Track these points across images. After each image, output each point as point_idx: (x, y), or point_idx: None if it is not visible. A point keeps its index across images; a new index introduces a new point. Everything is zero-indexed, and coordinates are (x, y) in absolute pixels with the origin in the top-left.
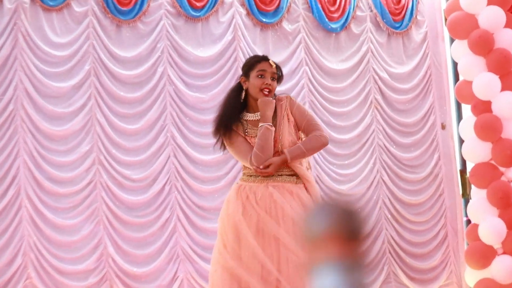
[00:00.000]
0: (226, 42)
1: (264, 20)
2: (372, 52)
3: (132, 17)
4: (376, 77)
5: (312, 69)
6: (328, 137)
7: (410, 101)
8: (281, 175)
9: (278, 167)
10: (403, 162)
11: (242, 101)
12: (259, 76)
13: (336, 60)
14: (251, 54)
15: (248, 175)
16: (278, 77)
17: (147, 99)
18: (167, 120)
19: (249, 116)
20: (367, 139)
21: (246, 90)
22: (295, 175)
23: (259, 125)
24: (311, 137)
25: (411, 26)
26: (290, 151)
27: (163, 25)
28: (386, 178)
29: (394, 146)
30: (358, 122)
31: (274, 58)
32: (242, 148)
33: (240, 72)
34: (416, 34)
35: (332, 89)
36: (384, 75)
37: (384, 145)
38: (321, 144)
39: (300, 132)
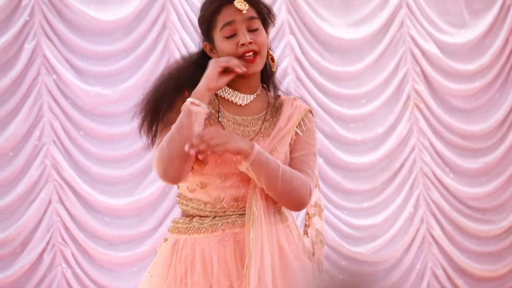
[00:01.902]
0: None
1: None
2: (408, 6)
3: None
4: (417, 52)
5: (301, 39)
6: (310, 197)
7: (478, 93)
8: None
9: (223, 147)
10: (467, 202)
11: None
12: (228, 37)
13: (344, 23)
14: (191, 13)
15: (188, 215)
16: (264, 19)
17: (7, 100)
18: (43, 137)
19: (228, 94)
20: (403, 163)
21: None
22: (279, 210)
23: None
24: (299, 175)
25: None
26: (262, 153)
27: None
28: (437, 232)
29: (451, 175)
30: (386, 134)
31: None
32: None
33: (180, 43)
34: None
35: (339, 75)
36: (430, 47)
37: (433, 172)
38: (299, 193)
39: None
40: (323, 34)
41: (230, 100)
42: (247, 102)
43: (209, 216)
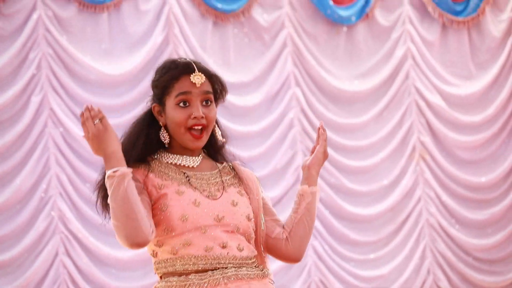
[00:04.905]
0: (154, 45)
1: (219, 6)
2: (413, 58)
3: None
4: (422, 104)
5: (306, 91)
6: None
7: (483, 144)
8: (244, 265)
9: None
10: (474, 254)
11: (167, 145)
12: (181, 104)
13: (349, 75)
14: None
15: (179, 273)
16: (217, 94)
17: (14, 153)
18: (50, 190)
19: (178, 160)
20: (409, 215)
21: (165, 127)
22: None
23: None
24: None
25: (483, 10)
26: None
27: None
28: (444, 283)
29: (457, 226)
30: (391, 185)
31: (239, 71)
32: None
33: None
34: (494, 24)
35: (344, 127)
36: (435, 99)
37: (439, 223)
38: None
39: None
40: (328, 86)
41: (182, 164)
42: (198, 163)
43: (208, 270)
